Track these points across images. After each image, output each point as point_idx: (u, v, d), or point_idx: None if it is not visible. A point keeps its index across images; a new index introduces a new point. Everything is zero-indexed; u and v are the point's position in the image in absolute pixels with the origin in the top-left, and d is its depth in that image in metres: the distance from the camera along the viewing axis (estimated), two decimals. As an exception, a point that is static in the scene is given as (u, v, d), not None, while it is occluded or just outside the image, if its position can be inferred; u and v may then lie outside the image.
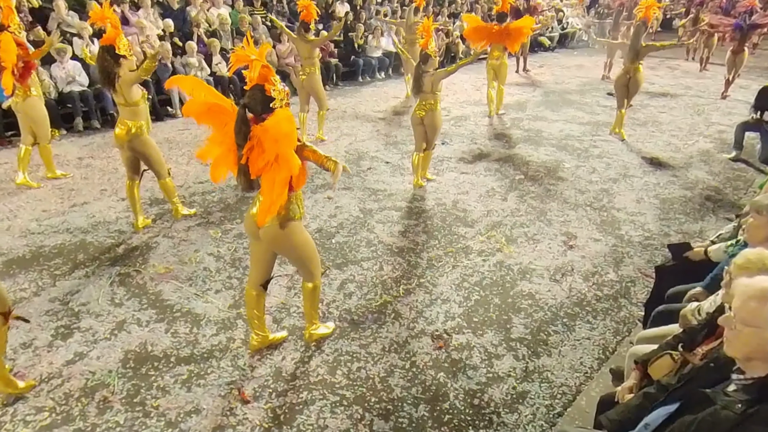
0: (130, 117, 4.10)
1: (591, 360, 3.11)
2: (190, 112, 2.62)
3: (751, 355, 1.42)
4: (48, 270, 3.86)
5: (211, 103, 2.58)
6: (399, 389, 2.86)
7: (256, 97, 2.51)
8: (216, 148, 2.63)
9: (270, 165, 2.48)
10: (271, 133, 2.44)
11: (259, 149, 2.49)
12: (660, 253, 4.28)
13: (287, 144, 2.45)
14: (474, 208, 5.01)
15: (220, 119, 2.59)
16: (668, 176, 5.96)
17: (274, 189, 2.49)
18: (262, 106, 2.51)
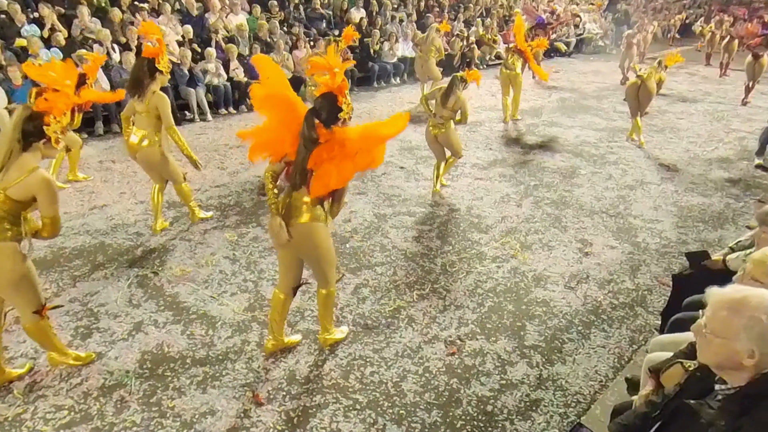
0: (146, 126, 4.17)
1: (606, 368, 3.08)
2: (256, 96, 2.65)
3: (722, 364, 1.42)
4: (68, 271, 3.94)
5: (279, 95, 2.63)
6: (412, 394, 2.86)
7: (326, 104, 2.58)
8: (266, 133, 2.70)
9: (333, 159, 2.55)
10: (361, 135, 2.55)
11: (326, 149, 2.55)
12: (677, 262, 4.23)
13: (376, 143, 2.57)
14: (488, 214, 4.99)
15: (283, 111, 2.65)
16: (686, 183, 5.88)
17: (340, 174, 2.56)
18: (330, 115, 2.57)
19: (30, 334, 2.83)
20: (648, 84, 6.67)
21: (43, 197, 2.50)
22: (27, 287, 2.65)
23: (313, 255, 2.87)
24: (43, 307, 2.74)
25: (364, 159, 2.58)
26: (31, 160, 2.50)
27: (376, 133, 2.60)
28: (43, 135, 2.52)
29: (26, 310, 2.71)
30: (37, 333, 2.81)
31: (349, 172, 2.60)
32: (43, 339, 2.86)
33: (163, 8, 8.68)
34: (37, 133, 2.51)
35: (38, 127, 2.50)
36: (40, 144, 2.53)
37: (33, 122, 2.50)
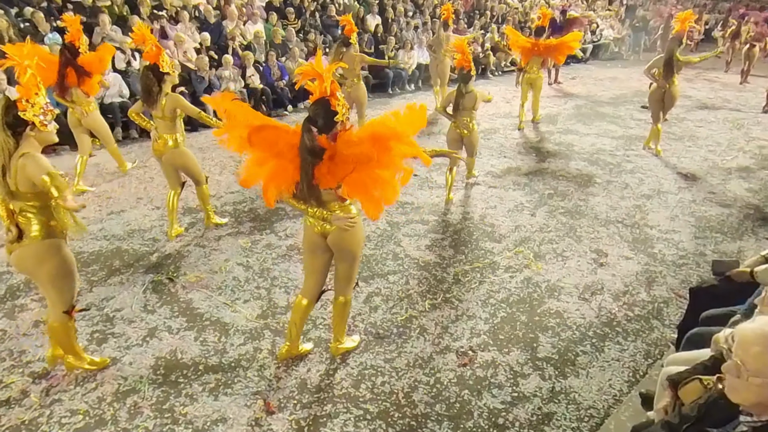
0: (167, 131, 4.27)
1: (620, 383, 3.04)
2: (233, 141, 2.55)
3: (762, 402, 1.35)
4: (85, 276, 4.01)
5: (261, 127, 2.52)
6: (423, 405, 2.85)
7: (321, 111, 2.55)
8: (260, 170, 2.61)
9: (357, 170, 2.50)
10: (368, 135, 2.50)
11: (337, 159, 2.49)
12: (695, 273, 4.16)
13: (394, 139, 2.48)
14: (502, 223, 4.97)
15: (270, 141, 2.55)
16: (705, 193, 5.79)
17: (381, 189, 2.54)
18: (326, 120, 2.54)
19: (54, 332, 2.89)
20: (672, 89, 6.60)
21: (30, 167, 2.46)
22: (64, 285, 2.74)
23: (348, 257, 2.89)
24: (72, 308, 2.82)
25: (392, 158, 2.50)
26: (26, 149, 2.51)
27: (390, 130, 2.49)
28: (26, 122, 2.50)
29: (58, 307, 2.78)
30: (61, 333, 2.87)
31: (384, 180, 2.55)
32: (64, 340, 2.91)
33: (182, 16, 8.82)
34: (19, 121, 2.49)
35: (17, 116, 2.49)
36: (29, 132, 2.53)
37: (11, 113, 2.49)
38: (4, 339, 3.30)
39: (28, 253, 2.61)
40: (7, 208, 2.58)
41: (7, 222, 2.59)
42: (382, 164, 2.51)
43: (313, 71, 2.55)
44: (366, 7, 11.85)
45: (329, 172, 2.52)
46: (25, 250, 2.60)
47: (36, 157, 2.50)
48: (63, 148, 6.74)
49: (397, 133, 2.49)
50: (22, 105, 2.49)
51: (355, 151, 2.47)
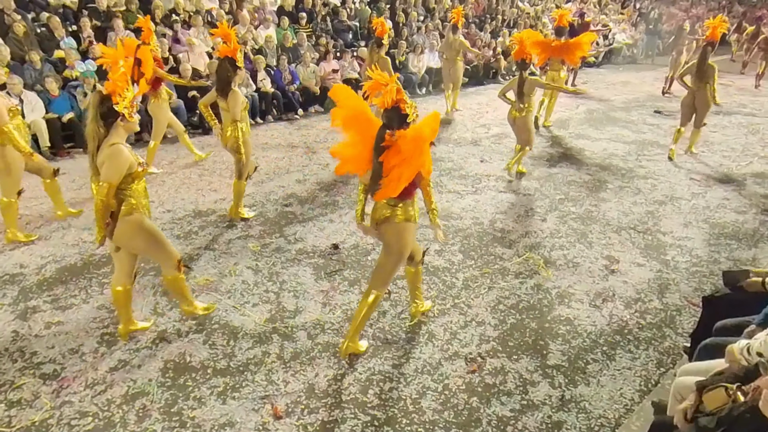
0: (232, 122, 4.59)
1: (632, 392, 2.99)
2: (336, 120, 2.93)
3: None
4: (97, 278, 4.04)
5: (356, 113, 2.93)
6: (431, 412, 2.83)
7: (394, 116, 2.86)
8: (349, 149, 3.00)
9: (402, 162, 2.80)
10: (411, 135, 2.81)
11: (394, 151, 2.82)
12: (709, 281, 4.10)
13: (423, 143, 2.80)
14: (512, 229, 4.93)
15: (362, 127, 2.93)
16: (719, 199, 5.71)
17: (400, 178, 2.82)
18: (399, 122, 2.85)
19: (168, 284, 3.35)
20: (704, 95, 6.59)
21: (107, 163, 2.81)
22: (159, 248, 3.16)
23: (394, 249, 3.09)
24: (179, 262, 3.24)
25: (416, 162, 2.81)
26: (114, 139, 2.84)
27: (421, 133, 2.82)
28: (117, 113, 2.82)
29: (167, 264, 3.24)
30: (174, 285, 3.33)
31: (406, 177, 2.82)
32: (178, 290, 3.38)
33: (195, 21, 8.90)
34: (112, 112, 2.82)
35: (110, 108, 2.81)
36: (119, 122, 2.85)
37: (105, 104, 2.82)
38: (16, 340, 3.33)
39: (119, 231, 2.98)
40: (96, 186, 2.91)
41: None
42: (414, 163, 2.82)
43: (378, 84, 2.85)
44: (377, 11, 11.89)
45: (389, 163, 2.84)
46: (119, 229, 2.97)
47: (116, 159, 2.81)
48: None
49: (426, 139, 2.82)
50: (116, 98, 2.81)
51: (407, 147, 2.80)
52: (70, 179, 6.08)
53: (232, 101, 4.53)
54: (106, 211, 2.88)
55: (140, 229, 3.02)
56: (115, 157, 2.81)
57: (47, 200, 5.36)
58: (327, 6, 11.26)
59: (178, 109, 7.81)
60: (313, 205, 5.41)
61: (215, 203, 5.43)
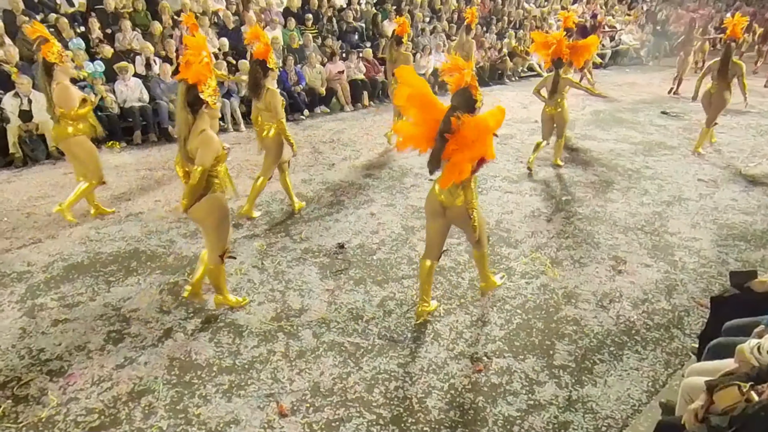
0: (269, 120, 4.67)
1: (639, 392, 2.97)
2: (401, 98, 3.09)
3: None
4: (103, 276, 4.06)
5: (419, 94, 3.08)
6: (436, 411, 2.82)
7: (464, 99, 3.03)
8: (411, 128, 3.16)
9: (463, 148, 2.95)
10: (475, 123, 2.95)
11: (457, 136, 2.96)
12: (717, 282, 4.07)
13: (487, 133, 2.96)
14: (518, 229, 4.91)
15: (425, 107, 3.09)
16: (727, 200, 5.66)
17: (462, 166, 2.96)
18: (466, 106, 3.02)
19: (209, 274, 3.47)
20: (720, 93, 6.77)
21: (201, 149, 3.07)
22: (223, 232, 3.36)
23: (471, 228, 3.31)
24: (224, 253, 3.39)
25: (478, 150, 2.96)
26: (201, 125, 3.09)
27: (486, 123, 2.97)
28: (203, 101, 3.06)
29: (215, 251, 3.38)
30: (215, 274, 3.47)
31: (467, 163, 2.97)
32: (216, 280, 3.51)
33: (202, 22, 8.93)
34: (198, 100, 3.05)
35: (196, 96, 3.04)
36: (204, 109, 3.10)
37: (192, 93, 3.05)
38: (24, 337, 3.35)
39: (200, 206, 3.20)
40: (183, 169, 3.23)
41: (184, 180, 3.24)
42: (475, 151, 2.96)
43: (456, 66, 3.06)
44: (383, 13, 11.90)
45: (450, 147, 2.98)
46: (201, 204, 3.19)
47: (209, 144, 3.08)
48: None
49: (491, 129, 2.98)
50: (201, 87, 3.04)
51: (470, 134, 2.94)
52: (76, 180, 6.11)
53: (272, 100, 4.58)
54: (198, 192, 3.14)
55: (218, 208, 3.27)
56: (207, 143, 3.07)
57: (54, 199, 5.40)
58: (333, 7, 11.28)
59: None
60: (319, 205, 5.41)
61: (221, 203, 5.44)
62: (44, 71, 4.56)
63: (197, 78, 3.03)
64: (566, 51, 6.07)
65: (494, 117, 3.01)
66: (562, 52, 6.00)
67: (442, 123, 2.98)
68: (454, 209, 3.24)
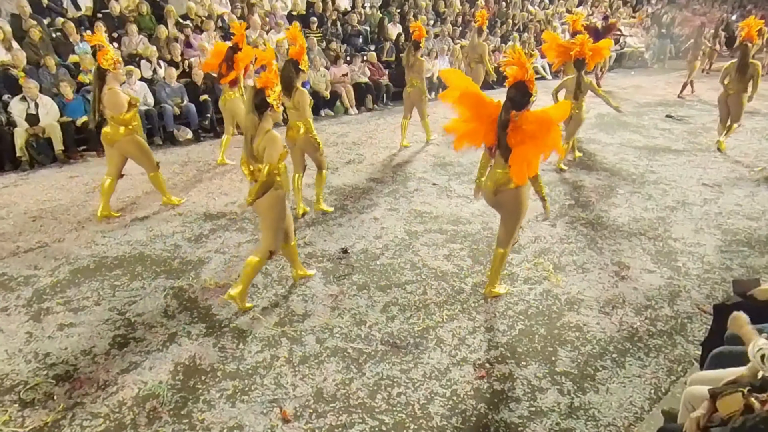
0: (298, 118, 4.80)
1: (641, 400, 2.97)
2: (448, 98, 3.33)
3: None
4: (109, 280, 4.09)
5: (469, 92, 3.32)
6: (439, 417, 2.83)
7: (519, 92, 3.23)
8: (463, 126, 3.40)
9: (527, 141, 3.18)
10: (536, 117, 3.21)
11: (518, 130, 3.20)
12: (721, 288, 4.06)
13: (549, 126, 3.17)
14: (521, 234, 4.91)
15: (473, 105, 3.33)
16: (731, 205, 5.65)
17: (530, 160, 3.22)
18: (522, 99, 3.23)
19: (250, 266, 3.62)
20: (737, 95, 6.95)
21: (268, 148, 3.32)
22: (277, 229, 3.58)
23: (513, 215, 3.58)
24: (272, 252, 3.62)
25: (547, 141, 3.18)
26: (266, 126, 3.37)
27: (548, 116, 3.19)
28: (269, 104, 3.32)
29: (267, 246, 3.59)
30: (254, 268, 3.63)
31: (536, 155, 3.21)
32: (251, 274, 3.66)
33: (207, 25, 9.00)
34: (265, 103, 3.32)
35: (263, 99, 3.31)
36: (269, 112, 3.35)
37: (259, 97, 3.31)
38: (30, 341, 3.39)
39: (264, 200, 3.42)
40: (248, 168, 3.47)
41: (250, 177, 3.50)
42: (540, 143, 3.19)
43: (516, 60, 3.24)
44: (388, 16, 11.94)
45: (511, 139, 3.23)
46: (265, 199, 3.41)
47: (275, 143, 3.33)
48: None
49: (554, 121, 3.18)
50: (268, 92, 3.32)
51: (531, 128, 3.18)
52: (83, 182, 6.17)
53: (301, 99, 4.70)
54: (265, 188, 3.36)
55: (279, 203, 3.50)
56: (274, 142, 3.33)
57: (60, 202, 5.45)
58: (337, 11, 11.32)
59: (189, 111, 7.91)
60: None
61: (225, 206, 5.48)
62: (97, 76, 4.81)
63: (266, 83, 3.31)
64: (590, 52, 6.16)
65: (557, 110, 3.23)
66: (586, 53, 6.09)
67: (500, 115, 3.23)
68: (506, 193, 3.47)
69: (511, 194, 3.47)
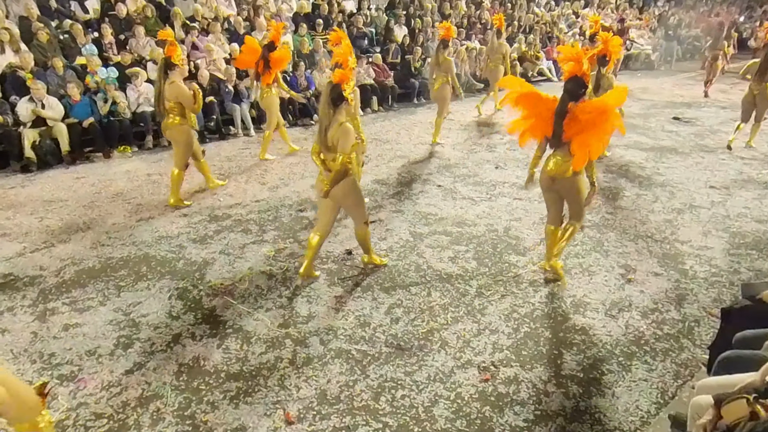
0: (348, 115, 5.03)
1: (648, 404, 2.94)
2: (509, 101, 3.72)
3: None
4: (114, 281, 4.10)
5: (525, 92, 3.69)
6: (443, 420, 2.81)
7: (576, 85, 3.56)
8: (524, 123, 3.75)
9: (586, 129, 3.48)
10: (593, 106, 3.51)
11: (575, 120, 3.51)
12: (729, 292, 4.02)
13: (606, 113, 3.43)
14: (527, 236, 4.89)
15: (531, 103, 3.70)
16: (739, 208, 5.60)
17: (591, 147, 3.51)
18: (577, 91, 3.57)
19: (358, 237, 4.11)
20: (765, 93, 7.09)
21: (342, 138, 3.56)
22: (360, 206, 3.96)
23: (577, 196, 3.86)
24: (366, 222, 4.01)
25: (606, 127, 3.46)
26: (340, 118, 3.59)
27: (603, 103, 3.47)
28: (344, 98, 3.57)
29: (360, 220, 4.00)
30: (363, 237, 4.09)
31: (597, 141, 3.50)
32: (364, 242, 4.14)
33: (213, 28, 9.03)
34: (341, 97, 3.56)
35: (339, 93, 3.55)
36: (343, 105, 3.60)
37: (336, 91, 3.54)
38: (35, 341, 3.40)
39: (339, 188, 3.70)
40: (320, 158, 3.74)
41: (322, 167, 3.76)
42: (599, 130, 3.47)
43: (574, 55, 3.56)
44: (393, 17, 11.94)
45: (569, 129, 3.54)
46: (339, 186, 3.69)
47: (348, 135, 3.57)
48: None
49: (610, 107, 3.43)
50: (344, 86, 3.55)
51: (588, 117, 3.46)
52: (90, 183, 6.20)
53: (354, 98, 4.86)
54: (340, 177, 3.62)
55: (354, 188, 3.82)
56: (347, 133, 3.55)
57: (66, 203, 5.48)
58: (343, 13, 11.33)
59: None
60: (327, 211, 5.42)
61: (230, 208, 5.48)
62: (164, 68, 5.14)
63: (341, 78, 3.54)
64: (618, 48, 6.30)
65: (614, 96, 3.46)
66: (610, 50, 6.18)
67: (558, 106, 3.55)
68: (564, 181, 3.76)
69: (568, 181, 3.76)
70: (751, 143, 7.75)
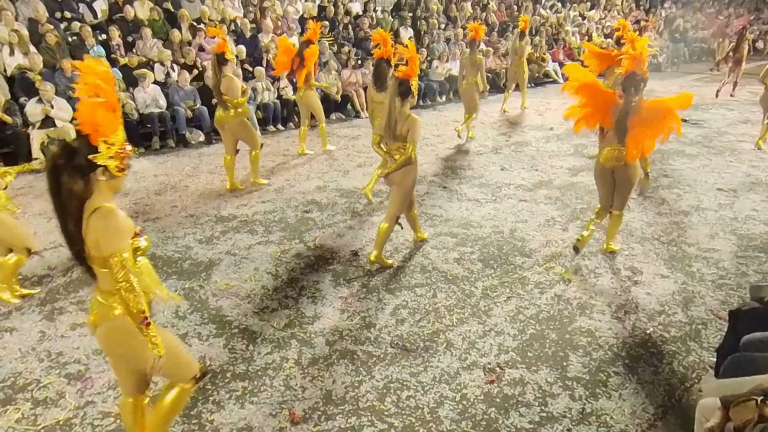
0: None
1: (654, 407, 2.92)
2: (569, 88, 4.00)
3: None
4: (121, 281, 4.12)
5: (587, 83, 3.98)
6: (448, 422, 2.81)
7: (634, 81, 3.85)
8: (580, 111, 4.02)
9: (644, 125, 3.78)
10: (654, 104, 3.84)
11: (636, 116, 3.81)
12: (736, 294, 4.00)
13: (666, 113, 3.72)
14: (533, 238, 4.88)
15: (591, 93, 3.97)
16: (747, 210, 5.56)
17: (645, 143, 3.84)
18: (637, 86, 3.86)
19: (381, 230, 4.21)
20: None
21: (411, 129, 3.90)
22: (406, 198, 4.18)
23: (628, 185, 4.16)
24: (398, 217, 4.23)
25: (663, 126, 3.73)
26: (406, 110, 3.93)
27: (666, 105, 3.75)
28: (411, 92, 3.92)
29: (395, 212, 4.18)
30: (385, 232, 4.21)
31: (652, 138, 3.79)
32: (383, 237, 4.23)
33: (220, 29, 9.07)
34: (408, 91, 3.90)
35: (408, 87, 3.89)
36: (409, 98, 3.93)
37: (404, 86, 3.88)
38: (43, 340, 3.42)
39: (399, 173, 4.00)
40: (383, 147, 4.04)
41: (386, 156, 4.10)
42: (656, 127, 3.75)
43: (634, 54, 3.86)
44: (399, 20, 11.96)
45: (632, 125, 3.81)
46: (401, 172, 3.99)
47: (417, 125, 3.92)
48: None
49: (672, 109, 3.70)
50: (411, 81, 3.89)
51: (647, 114, 3.78)
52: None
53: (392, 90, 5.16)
54: (406, 162, 3.96)
55: (413, 173, 4.09)
56: (416, 123, 3.90)
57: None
58: (349, 15, 11.37)
59: (201, 114, 7.99)
60: (333, 212, 5.44)
61: (237, 209, 5.51)
62: (218, 63, 5.52)
63: (407, 74, 3.87)
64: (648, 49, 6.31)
65: (678, 99, 3.66)
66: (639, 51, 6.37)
67: (623, 102, 3.84)
68: (620, 171, 4.05)
69: (623, 170, 4.05)
70: (760, 144, 7.73)
